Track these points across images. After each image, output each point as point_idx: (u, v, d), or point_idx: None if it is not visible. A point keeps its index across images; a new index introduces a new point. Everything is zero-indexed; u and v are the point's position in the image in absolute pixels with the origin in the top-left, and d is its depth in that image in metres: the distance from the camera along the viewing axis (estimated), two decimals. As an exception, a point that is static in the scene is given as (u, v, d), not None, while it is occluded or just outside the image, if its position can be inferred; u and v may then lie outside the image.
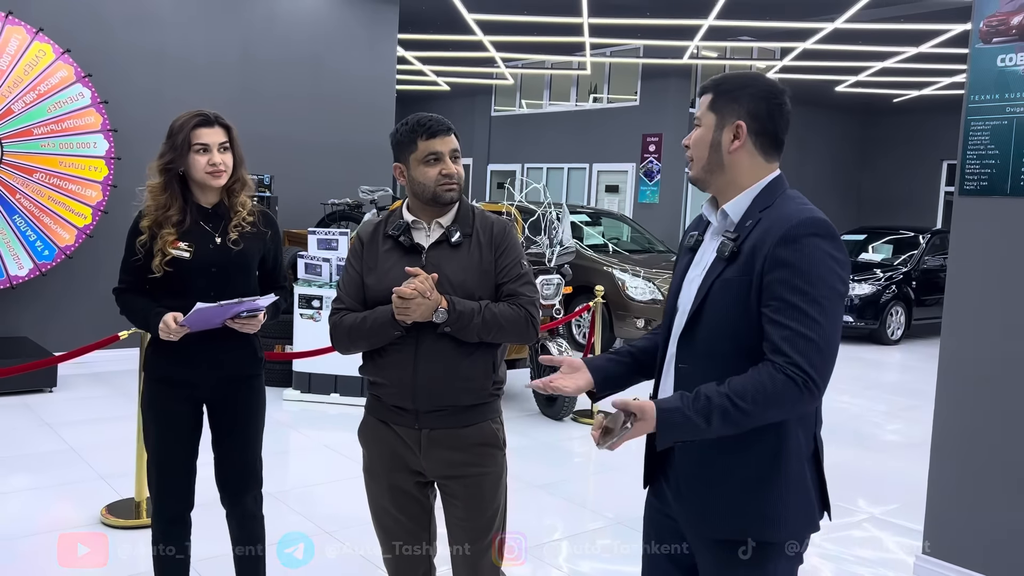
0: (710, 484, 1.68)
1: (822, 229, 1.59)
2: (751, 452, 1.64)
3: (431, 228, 2.19)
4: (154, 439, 2.55)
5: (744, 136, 1.69)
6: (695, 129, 1.75)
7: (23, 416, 5.35)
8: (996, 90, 3.28)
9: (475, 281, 2.15)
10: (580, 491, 4.62)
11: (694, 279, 1.73)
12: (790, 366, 1.54)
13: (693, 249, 1.80)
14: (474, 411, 2.17)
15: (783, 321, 1.56)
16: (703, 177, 1.74)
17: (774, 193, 1.69)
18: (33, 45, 6.11)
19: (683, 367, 1.72)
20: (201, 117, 2.47)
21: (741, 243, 1.64)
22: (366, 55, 8.36)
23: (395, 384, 2.14)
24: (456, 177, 2.15)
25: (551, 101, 16.18)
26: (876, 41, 10.65)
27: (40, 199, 6.18)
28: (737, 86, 1.72)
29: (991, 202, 3.32)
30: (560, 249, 6.26)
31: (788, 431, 1.64)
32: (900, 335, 10.32)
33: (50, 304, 6.57)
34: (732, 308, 1.63)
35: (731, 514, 1.66)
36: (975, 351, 3.36)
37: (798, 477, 1.66)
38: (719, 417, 1.55)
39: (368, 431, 2.27)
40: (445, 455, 2.16)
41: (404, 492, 2.22)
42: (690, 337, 1.70)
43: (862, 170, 17.33)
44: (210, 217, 2.53)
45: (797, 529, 1.69)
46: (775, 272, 1.58)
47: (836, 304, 1.59)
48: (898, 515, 4.32)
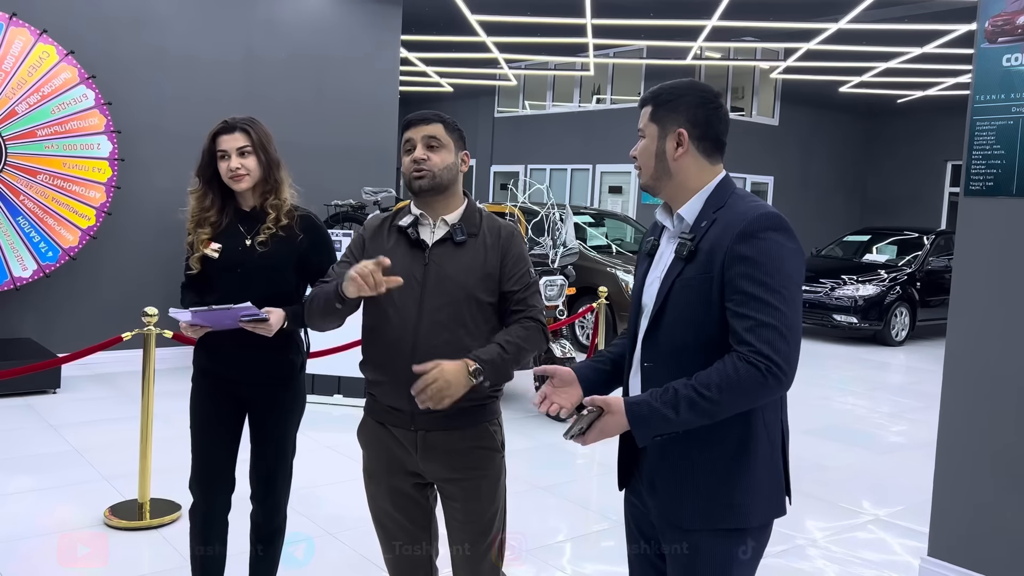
0: (680, 476, 1.73)
1: (776, 223, 1.67)
2: (719, 443, 1.70)
3: (436, 224, 2.18)
4: (193, 427, 2.69)
5: (687, 143, 1.77)
6: (640, 140, 1.82)
7: (27, 417, 5.36)
8: (1001, 90, 3.27)
9: (476, 282, 2.13)
10: (583, 493, 4.61)
11: (654, 281, 1.81)
12: (753, 354, 1.60)
13: (651, 254, 1.88)
14: (470, 413, 2.14)
15: (745, 312, 1.62)
16: (652, 185, 1.81)
17: (724, 193, 1.77)
18: (37, 47, 6.12)
19: (648, 365, 1.78)
20: (222, 125, 2.58)
21: (698, 243, 1.72)
22: (369, 56, 8.37)
23: (391, 383, 2.12)
24: (426, 164, 2.12)
25: (554, 102, 16.17)
26: (880, 41, 10.63)
27: (44, 200, 6.19)
28: (674, 96, 1.80)
29: (997, 202, 3.30)
30: (563, 250, 6.26)
31: (755, 420, 1.71)
32: (904, 336, 10.29)
33: (54, 305, 6.58)
34: (693, 305, 1.70)
35: (702, 505, 1.71)
36: (980, 352, 3.34)
37: (765, 465, 1.73)
38: (686, 407, 1.62)
39: (366, 432, 2.26)
40: (442, 458, 2.15)
41: (403, 494, 2.22)
42: (654, 336, 1.77)
43: (866, 171, 17.30)
44: (248, 219, 2.61)
45: (765, 514, 1.74)
46: (735, 267, 1.65)
47: (795, 292, 1.66)
48: (903, 517, 4.31)
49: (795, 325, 1.63)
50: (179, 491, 4.03)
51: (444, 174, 2.14)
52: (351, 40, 8.23)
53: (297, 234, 2.60)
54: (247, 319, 2.44)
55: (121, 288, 6.74)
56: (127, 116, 6.67)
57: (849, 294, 9.97)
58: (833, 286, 10.06)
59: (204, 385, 2.68)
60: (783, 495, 1.78)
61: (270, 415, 2.64)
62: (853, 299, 9.93)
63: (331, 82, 8.09)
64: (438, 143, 2.14)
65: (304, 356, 2.73)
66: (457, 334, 2.09)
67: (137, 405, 3.98)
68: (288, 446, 2.69)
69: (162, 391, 4.38)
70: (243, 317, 2.43)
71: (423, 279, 2.12)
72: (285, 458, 2.68)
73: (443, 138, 2.15)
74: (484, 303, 2.14)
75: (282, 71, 7.72)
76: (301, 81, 7.88)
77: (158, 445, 4.03)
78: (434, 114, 2.19)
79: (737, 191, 1.78)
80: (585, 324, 8.57)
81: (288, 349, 2.63)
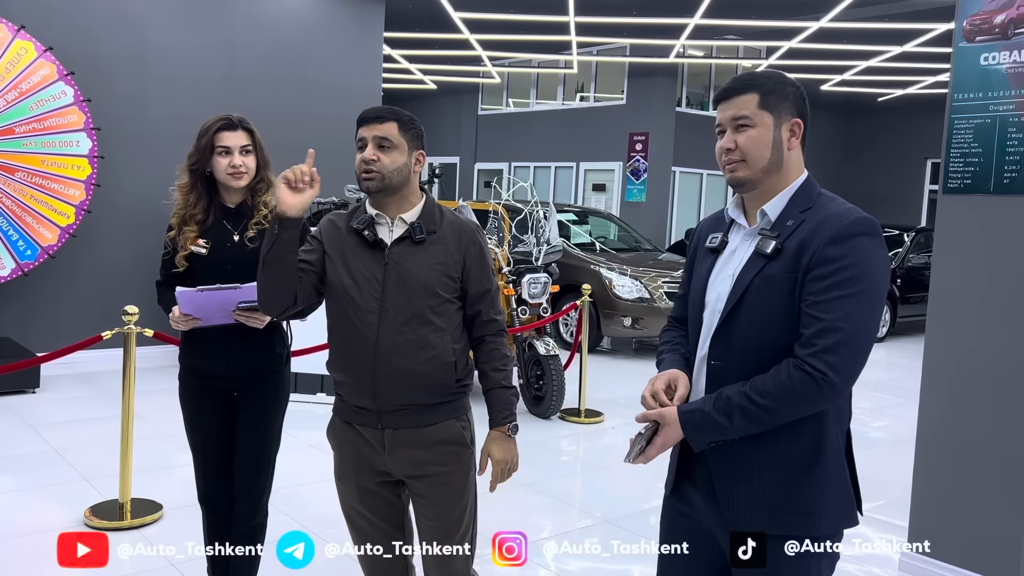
0: (748, 481, 1.68)
1: (872, 228, 1.63)
2: (790, 448, 1.65)
3: (394, 223, 2.15)
4: (185, 424, 2.70)
5: (800, 134, 1.71)
6: (744, 131, 1.68)
7: (5, 417, 5.30)
8: (979, 89, 3.30)
9: (438, 280, 2.12)
10: (568, 490, 4.62)
11: (726, 277, 1.73)
12: (811, 358, 1.56)
13: (717, 250, 1.79)
14: (437, 409, 2.15)
15: (817, 314, 1.58)
16: (759, 178, 1.70)
17: (811, 193, 1.71)
18: (15, 42, 6.05)
19: (716, 364, 1.72)
20: (225, 121, 2.58)
21: (784, 240, 1.65)
22: (352, 53, 8.33)
23: (355, 382, 2.12)
24: (376, 165, 2.08)
25: (538, 100, 16.17)
26: (861, 40, 10.71)
27: (22, 198, 6.12)
28: (780, 84, 1.71)
29: (975, 200, 3.34)
30: (547, 248, 6.26)
31: (827, 426, 1.66)
32: (885, 333, 10.38)
33: (33, 304, 6.51)
34: (772, 304, 1.64)
35: (771, 510, 1.66)
36: (959, 348, 3.38)
37: (836, 471, 1.68)
38: (740, 414, 1.59)
39: (335, 433, 2.26)
40: (409, 454, 2.14)
41: (373, 493, 2.21)
42: (725, 334, 1.70)
43: (847, 168, 17.43)
44: (233, 216, 2.62)
45: (837, 523, 1.69)
46: (820, 268, 1.59)
47: (875, 301, 1.61)
48: (884, 511, 4.34)
49: (864, 332, 1.58)
50: (160, 491, 4.01)
51: (394, 176, 2.10)
52: (333, 37, 8.19)
53: None
54: (245, 306, 2.45)
55: (101, 287, 6.67)
56: (107, 113, 6.60)
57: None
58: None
59: (192, 386, 2.67)
60: (854, 505, 1.72)
61: (257, 408, 2.65)
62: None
63: (314, 79, 8.05)
64: (390, 144, 2.10)
65: (288, 349, 2.74)
66: (420, 332, 2.09)
67: (117, 404, 3.95)
68: (273, 439, 2.70)
69: (143, 390, 4.34)
70: (242, 303, 2.45)
71: (383, 279, 2.10)
72: (270, 451, 2.69)
73: (395, 138, 2.10)
74: (446, 300, 2.13)
75: (264, 68, 7.67)
76: (283, 78, 7.83)
77: (139, 445, 4.00)
78: (390, 112, 2.13)
79: (823, 192, 1.72)
80: (569, 321, 8.58)
81: (273, 341, 2.64)
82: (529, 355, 5.88)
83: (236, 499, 2.66)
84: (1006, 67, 3.22)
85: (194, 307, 2.46)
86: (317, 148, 8.35)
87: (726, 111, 1.71)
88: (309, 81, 8.02)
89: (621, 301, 8.21)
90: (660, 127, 13.62)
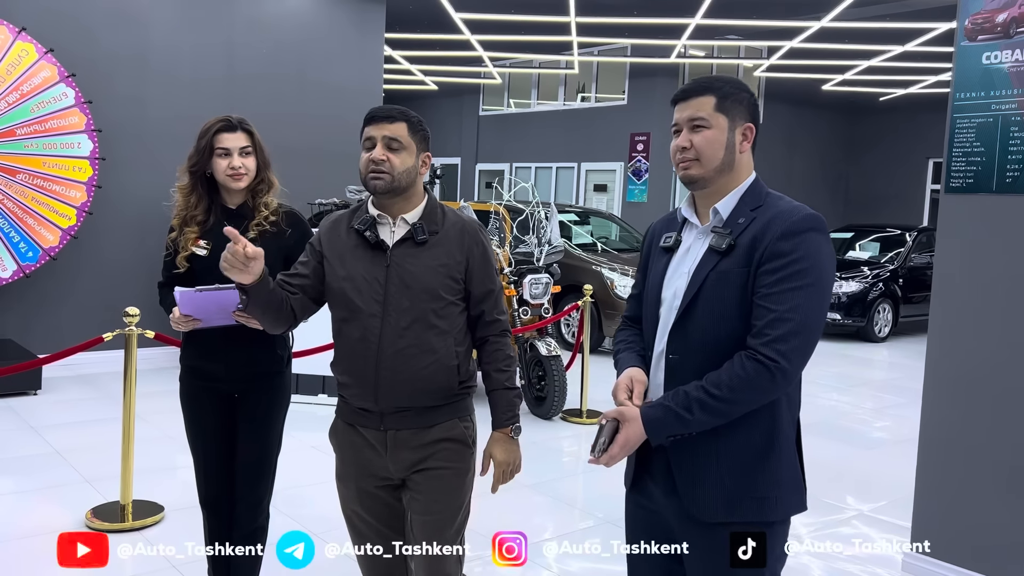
0: (707, 471, 1.73)
1: (819, 224, 1.71)
2: (747, 437, 1.71)
3: (396, 224, 2.13)
4: (186, 426, 2.70)
5: (751, 138, 1.78)
6: (700, 131, 1.75)
7: (7, 419, 5.30)
8: (981, 88, 3.30)
9: (440, 282, 2.10)
10: (569, 490, 4.61)
11: (681, 274, 1.79)
12: (763, 348, 1.63)
13: (671, 249, 1.86)
14: (440, 410, 2.14)
15: (768, 306, 1.65)
16: (710, 177, 1.76)
17: (760, 192, 1.79)
18: (16, 44, 6.05)
19: (674, 358, 1.77)
20: (224, 122, 2.58)
21: (737, 237, 1.72)
22: (353, 54, 8.33)
23: (358, 384, 2.11)
24: (385, 166, 2.05)
25: (539, 100, 16.17)
26: (862, 40, 10.70)
27: (24, 200, 6.12)
28: (736, 89, 1.78)
29: (977, 199, 3.33)
30: (548, 248, 6.26)
31: (781, 414, 1.73)
32: (887, 332, 10.36)
33: (34, 306, 6.51)
34: (727, 299, 1.71)
35: (730, 498, 1.72)
36: (962, 348, 3.37)
37: (788, 458, 1.76)
38: (698, 407, 1.65)
39: (337, 435, 2.25)
40: (410, 455, 2.13)
41: (374, 496, 2.20)
42: (682, 329, 1.76)
43: (849, 168, 17.41)
44: (233, 217, 2.61)
45: (789, 508, 1.76)
46: (772, 262, 1.67)
47: (823, 293, 1.69)
48: (886, 512, 4.34)
49: (814, 325, 1.66)
50: (161, 493, 4.01)
51: (403, 177, 2.08)
52: (334, 37, 8.19)
53: (285, 230, 2.63)
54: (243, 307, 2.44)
55: (102, 288, 6.67)
56: (108, 115, 6.61)
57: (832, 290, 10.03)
58: (817, 283, 10.11)
59: (193, 388, 2.68)
60: (803, 491, 1.79)
61: (258, 409, 2.65)
62: (836, 295, 9.98)
63: (315, 80, 8.05)
64: (399, 145, 2.07)
65: (289, 351, 2.74)
66: (423, 336, 2.08)
67: (119, 406, 3.95)
68: (274, 441, 2.69)
69: (144, 392, 4.34)
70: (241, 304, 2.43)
71: (385, 281, 2.09)
72: (271, 453, 2.69)
73: (405, 140, 2.08)
74: (449, 302, 2.12)
75: (264, 69, 7.67)
76: (284, 79, 7.83)
77: (140, 446, 4.00)
78: (400, 112, 2.11)
79: (771, 191, 1.80)
80: (571, 322, 8.58)
81: (274, 343, 2.64)
82: (531, 356, 5.87)
83: (237, 501, 2.66)
84: (1008, 66, 3.21)
85: (193, 308, 2.46)
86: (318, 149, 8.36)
87: (683, 111, 1.78)
88: (310, 82, 8.02)
89: (622, 301, 8.21)
90: (661, 127, 13.60)
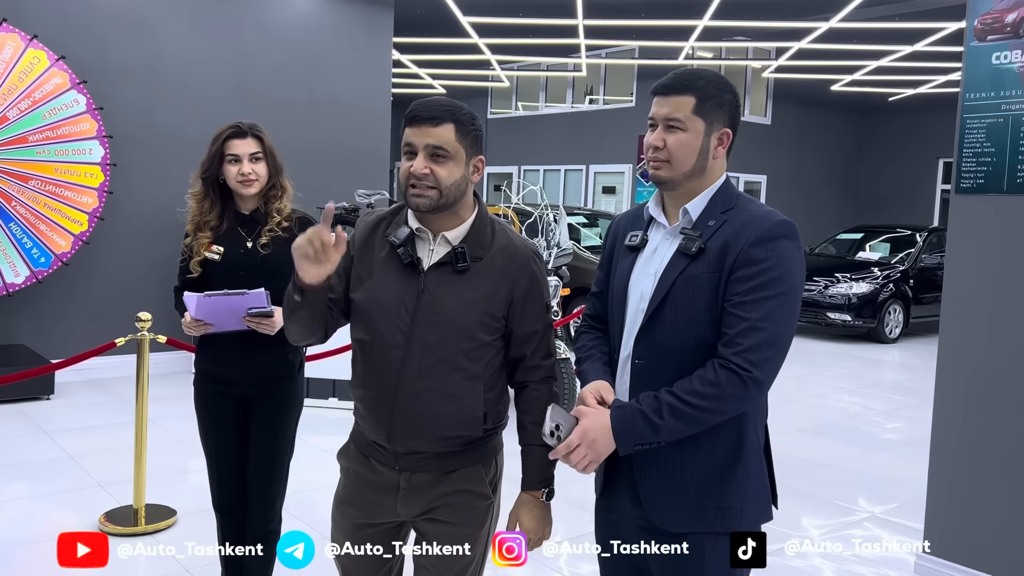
0: (671, 482, 1.70)
1: (791, 231, 1.66)
2: (712, 447, 1.68)
3: (436, 242, 1.82)
4: (200, 429, 2.72)
5: (727, 144, 1.74)
6: (675, 132, 1.69)
7: (21, 424, 5.33)
8: (991, 88, 3.29)
9: (476, 319, 1.79)
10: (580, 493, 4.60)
11: (648, 276, 1.74)
12: (735, 357, 1.59)
13: (637, 248, 1.79)
14: (463, 454, 1.86)
15: (741, 314, 1.61)
16: (680, 180, 1.71)
17: (730, 194, 1.74)
18: (28, 52, 6.10)
19: (640, 363, 1.73)
20: (233, 129, 2.59)
21: (707, 240, 1.67)
22: (361, 59, 8.36)
23: (372, 417, 1.86)
24: (428, 180, 1.73)
25: (547, 103, 16.18)
26: (871, 40, 10.66)
27: (36, 206, 6.17)
28: (718, 91, 1.71)
29: (987, 199, 3.32)
30: (557, 251, 6.26)
31: (747, 424, 1.70)
32: (898, 334, 10.32)
33: (47, 312, 6.56)
34: (696, 303, 1.66)
35: (695, 509, 1.70)
36: (973, 349, 3.35)
37: (755, 467, 1.73)
38: (669, 412, 1.60)
39: (347, 459, 2.01)
40: (423, 499, 1.89)
41: (370, 536, 1.96)
42: (649, 333, 1.71)
43: (859, 169, 17.35)
44: (247, 223, 2.63)
45: (755, 519, 1.74)
46: (744, 269, 1.63)
47: (795, 302, 1.65)
48: (898, 514, 4.32)
49: (785, 334, 1.63)
50: (174, 497, 4.03)
51: (451, 192, 1.75)
52: (343, 42, 8.22)
53: (297, 235, 2.62)
54: (255, 312, 2.46)
55: (114, 293, 6.71)
56: (119, 121, 6.65)
57: (843, 292, 9.99)
58: (827, 284, 10.08)
59: (206, 392, 2.69)
60: (770, 499, 1.78)
61: (270, 413, 2.66)
62: (847, 297, 9.95)
63: (323, 84, 8.08)
64: (445, 154, 1.73)
65: (302, 356, 2.75)
66: (448, 380, 1.79)
67: (131, 410, 3.97)
68: (286, 445, 2.70)
69: (156, 396, 4.36)
70: (251, 310, 2.45)
71: (414, 309, 1.79)
72: (282, 457, 2.69)
73: (452, 147, 1.74)
74: (484, 343, 1.82)
75: (274, 74, 7.71)
76: (293, 84, 7.87)
77: (153, 450, 4.02)
78: (446, 110, 1.74)
79: (741, 193, 1.77)
80: (580, 325, 8.57)
81: (287, 348, 2.63)
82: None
83: (250, 505, 2.67)
84: (1018, 66, 3.20)
85: (204, 312, 2.47)
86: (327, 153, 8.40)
87: (662, 107, 1.71)
88: (319, 87, 8.05)
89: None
90: (670, 129, 13.57)
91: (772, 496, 1.79)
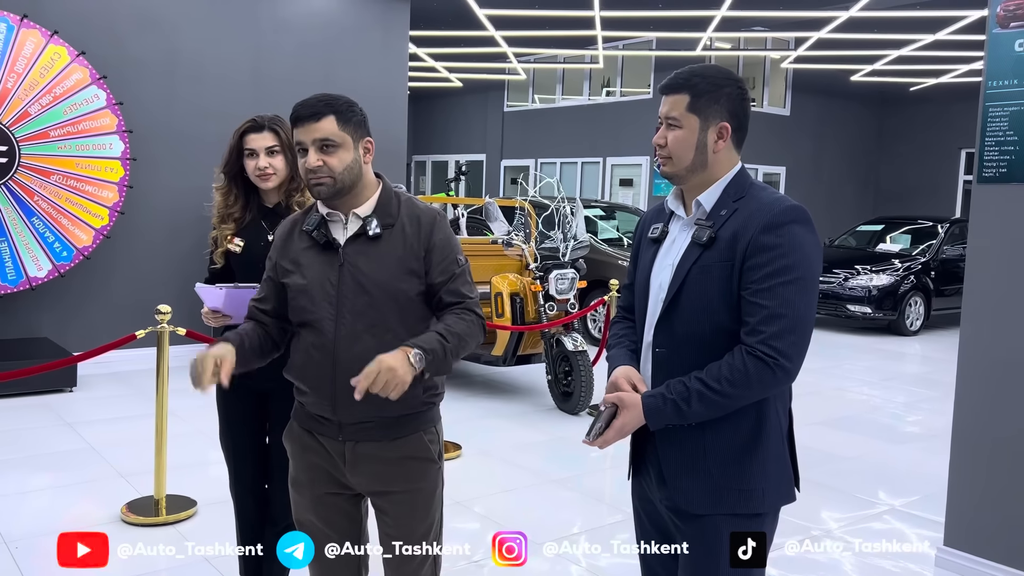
0: (694, 463, 1.74)
1: (802, 216, 1.69)
2: (734, 429, 1.72)
3: (348, 220, 1.98)
4: (220, 423, 2.73)
5: (728, 136, 1.76)
6: (673, 130, 1.75)
7: (44, 416, 5.40)
8: (1014, 75, 3.24)
9: (398, 278, 1.94)
10: (597, 485, 4.61)
11: (666, 267, 1.80)
12: (761, 345, 1.62)
13: (658, 240, 1.86)
14: (403, 422, 1.98)
15: (760, 302, 1.64)
16: (683, 175, 1.77)
17: (743, 183, 1.77)
18: (48, 48, 6.15)
19: (660, 351, 1.78)
20: (251, 123, 2.61)
21: (718, 230, 1.72)
22: (378, 53, 8.37)
23: (315, 393, 1.98)
24: (322, 170, 1.90)
25: (564, 95, 16.14)
26: (892, 29, 10.54)
27: (57, 200, 6.23)
28: (714, 86, 1.74)
29: (1010, 189, 3.27)
30: (574, 243, 6.25)
31: (768, 408, 1.73)
32: (919, 326, 10.22)
33: (69, 305, 6.63)
34: (710, 292, 1.70)
35: (715, 490, 1.73)
36: (995, 341, 3.32)
37: (777, 451, 1.76)
38: (697, 399, 1.65)
39: (293, 439, 2.10)
40: (372, 470, 1.99)
41: (330, 505, 2.06)
42: (668, 322, 1.76)
43: (879, 160, 17.18)
44: (270, 215, 2.64)
45: (776, 500, 1.77)
46: (757, 256, 1.66)
47: (812, 286, 1.68)
48: (919, 507, 4.28)
49: (807, 318, 1.66)
50: (194, 487, 4.07)
51: (345, 176, 1.92)
52: (360, 37, 8.23)
53: None
54: None
55: (135, 287, 6.78)
56: (138, 116, 6.70)
57: (863, 284, 9.90)
58: (847, 276, 9.99)
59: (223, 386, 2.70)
60: (792, 482, 1.80)
61: (289, 406, 2.65)
62: (867, 289, 9.87)
63: (340, 79, 8.09)
64: (333, 143, 1.91)
65: None
66: (383, 339, 1.90)
67: (152, 402, 4.01)
68: None
69: (176, 388, 4.40)
70: None
71: (338, 282, 1.94)
72: None
73: (338, 136, 1.91)
74: (409, 298, 1.96)
75: (291, 69, 7.73)
76: (310, 78, 7.88)
77: (173, 441, 4.06)
78: (324, 104, 1.91)
79: (755, 182, 1.79)
80: (597, 317, 8.56)
81: None
82: (557, 351, 5.87)
83: (270, 499, 2.69)
84: (1042, 53, 3.15)
85: (220, 304, 2.49)
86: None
87: (663, 106, 1.78)
88: (336, 80, 8.06)
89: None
90: (687, 121, 13.51)
91: (795, 480, 1.81)
